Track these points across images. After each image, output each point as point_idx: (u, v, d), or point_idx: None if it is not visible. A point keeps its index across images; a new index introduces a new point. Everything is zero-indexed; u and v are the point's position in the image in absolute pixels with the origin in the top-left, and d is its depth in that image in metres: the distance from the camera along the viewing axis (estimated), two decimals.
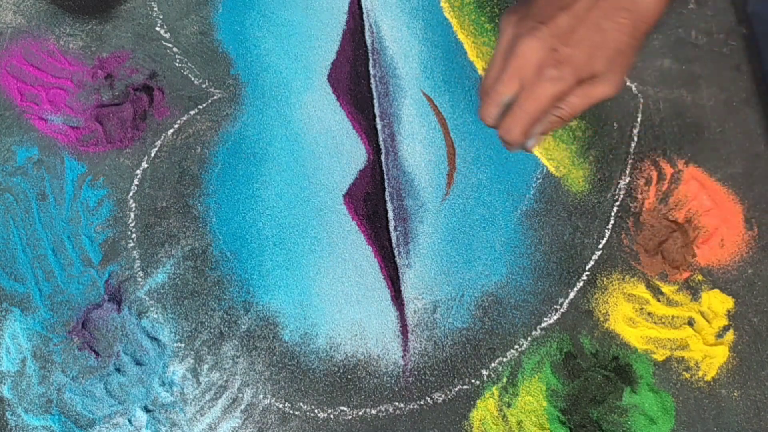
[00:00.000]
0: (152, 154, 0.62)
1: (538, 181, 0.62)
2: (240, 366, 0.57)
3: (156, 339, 0.57)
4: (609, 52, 0.44)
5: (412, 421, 0.56)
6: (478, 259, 0.60)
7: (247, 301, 0.58)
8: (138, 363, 0.56)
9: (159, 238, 0.60)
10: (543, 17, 0.44)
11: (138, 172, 0.61)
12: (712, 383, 0.57)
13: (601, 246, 0.60)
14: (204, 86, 0.64)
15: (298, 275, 0.59)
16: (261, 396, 0.56)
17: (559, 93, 0.45)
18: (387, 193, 0.62)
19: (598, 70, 0.44)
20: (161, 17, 0.66)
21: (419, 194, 0.62)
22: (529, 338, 0.58)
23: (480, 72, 0.65)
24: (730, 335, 0.58)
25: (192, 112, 0.63)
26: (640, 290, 0.59)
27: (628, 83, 0.65)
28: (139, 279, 0.59)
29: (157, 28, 0.66)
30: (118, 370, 0.56)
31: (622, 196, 0.62)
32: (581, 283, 0.59)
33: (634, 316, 0.58)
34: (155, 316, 0.58)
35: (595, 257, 0.60)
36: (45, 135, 0.62)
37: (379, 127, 0.63)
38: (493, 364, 0.57)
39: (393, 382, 0.57)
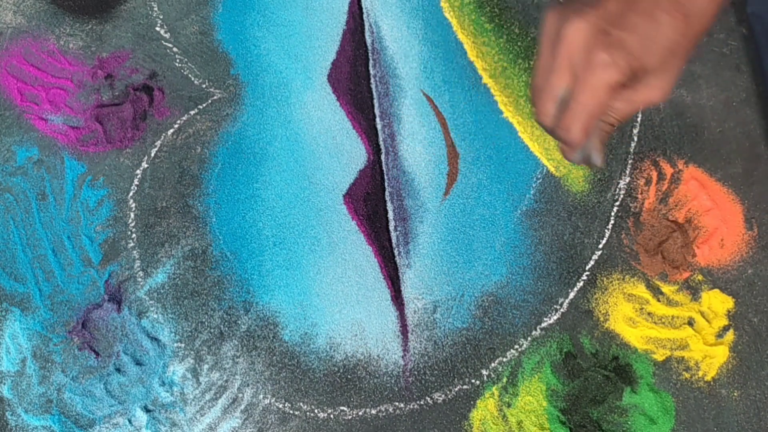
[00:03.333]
0: (152, 154, 0.62)
1: (538, 181, 0.62)
2: (240, 366, 0.57)
3: (156, 339, 0.57)
4: (661, 48, 0.40)
5: (412, 421, 0.56)
6: (478, 259, 0.60)
7: (247, 301, 0.58)
8: (138, 363, 0.56)
9: (159, 238, 0.60)
10: (590, 1, 0.41)
11: (138, 172, 0.61)
12: (712, 383, 0.57)
13: (601, 246, 0.60)
14: (204, 86, 0.64)
15: (298, 275, 0.59)
16: (261, 396, 0.56)
17: (614, 81, 0.41)
18: (387, 193, 0.62)
19: (650, 64, 0.40)
20: (161, 17, 0.66)
21: (419, 194, 0.62)
22: (529, 338, 0.58)
23: (480, 72, 0.65)
24: (730, 335, 0.58)
25: (192, 112, 0.63)
26: (640, 290, 0.59)
27: None
28: (139, 279, 0.59)
29: (157, 28, 0.66)
30: (118, 370, 0.56)
31: (622, 196, 0.62)
32: (581, 283, 0.59)
33: (634, 316, 0.58)
34: (155, 316, 0.58)
35: (595, 257, 0.60)
36: (45, 135, 0.62)
37: (379, 127, 0.63)
38: (493, 364, 0.57)
39: (393, 382, 0.57)
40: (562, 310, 0.59)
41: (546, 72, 0.43)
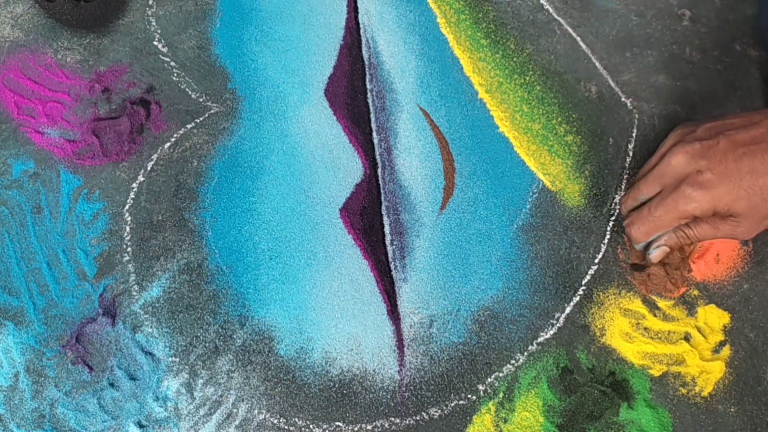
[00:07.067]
0: (149, 168, 0.62)
1: (534, 196, 0.62)
2: (235, 381, 0.56)
3: (150, 353, 0.57)
4: (753, 199, 0.42)
5: None
6: (475, 274, 0.60)
7: (243, 316, 0.58)
8: (132, 378, 0.56)
9: (154, 252, 0.60)
10: (703, 136, 0.46)
11: (134, 185, 0.61)
12: (708, 399, 0.57)
13: (597, 260, 0.60)
14: (201, 100, 0.64)
15: (294, 289, 0.59)
16: (256, 411, 0.56)
17: (689, 213, 0.45)
18: (383, 207, 0.62)
19: (736, 211, 0.43)
20: (159, 31, 0.66)
21: (416, 208, 0.62)
22: (526, 353, 0.58)
23: (476, 87, 0.65)
24: (726, 350, 0.58)
25: (189, 126, 0.63)
26: (637, 305, 0.59)
27: (622, 99, 0.65)
28: (134, 293, 0.58)
29: (155, 42, 0.66)
30: (111, 384, 0.56)
31: (617, 210, 0.62)
32: (577, 298, 0.59)
33: (630, 331, 0.58)
34: (150, 330, 0.57)
35: (591, 272, 0.60)
36: (41, 148, 0.62)
37: (375, 141, 0.63)
38: (489, 379, 0.57)
39: (389, 397, 0.56)
40: (558, 324, 0.59)
41: (643, 174, 0.52)
